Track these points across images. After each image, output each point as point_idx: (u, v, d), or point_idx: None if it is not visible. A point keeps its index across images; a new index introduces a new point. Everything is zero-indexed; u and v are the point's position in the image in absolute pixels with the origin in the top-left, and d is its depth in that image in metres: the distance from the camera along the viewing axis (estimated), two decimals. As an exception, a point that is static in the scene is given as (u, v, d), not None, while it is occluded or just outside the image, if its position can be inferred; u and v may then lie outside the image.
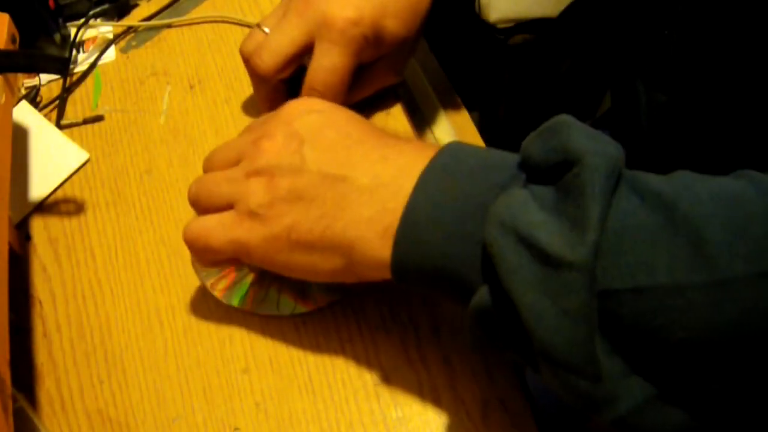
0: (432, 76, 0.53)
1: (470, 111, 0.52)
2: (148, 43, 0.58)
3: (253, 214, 0.35)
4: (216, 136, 0.51)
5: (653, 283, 0.24)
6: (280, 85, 0.47)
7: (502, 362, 0.38)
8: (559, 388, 0.26)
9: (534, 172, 0.28)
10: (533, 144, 0.28)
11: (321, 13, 0.42)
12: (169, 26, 0.59)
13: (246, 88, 0.54)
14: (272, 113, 0.38)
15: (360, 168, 0.34)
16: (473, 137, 0.50)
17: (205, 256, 0.38)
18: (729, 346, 0.24)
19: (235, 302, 0.43)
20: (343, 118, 0.37)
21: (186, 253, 0.45)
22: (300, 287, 0.42)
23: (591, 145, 0.26)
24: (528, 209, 0.26)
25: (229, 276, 0.44)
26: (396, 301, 0.41)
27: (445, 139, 0.48)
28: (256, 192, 0.35)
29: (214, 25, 0.59)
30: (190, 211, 0.47)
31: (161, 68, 0.56)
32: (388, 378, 0.39)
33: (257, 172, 0.36)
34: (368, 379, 0.39)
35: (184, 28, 0.59)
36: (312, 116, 0.36)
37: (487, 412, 0.37)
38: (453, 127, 0.49)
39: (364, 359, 0.40)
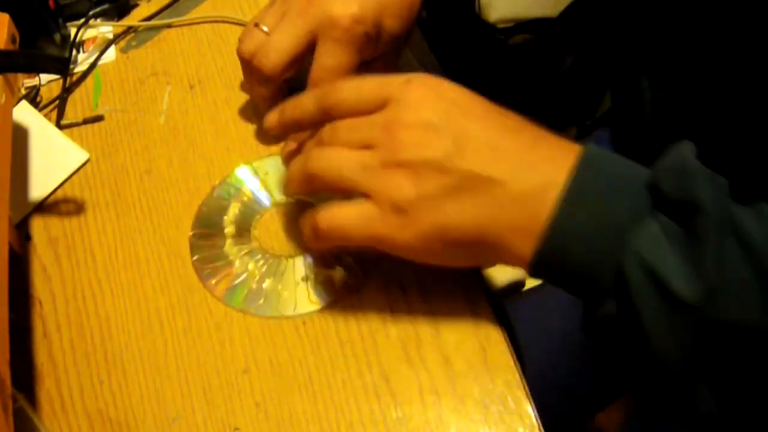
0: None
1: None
2: (148, 43, 0.58)
3: (398, 209, 0.35)
4: (216, 136, 0.51)
5: (743, 320, 0.30)
6: (284, 84, 0.47)
7: (503, 362, 0.38)
8: (651, 391, 0.34)
9: (662, 201, 0.32)
10: (665, 176, 0.32)
11: (324, 11, 0.42)
12: (169, 26, 0.59)
13: (245, 88, 0.54)
14: (395, 89, 0.36)
15: (508, 171, 0.34)
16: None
17: (332, 243, 0.37)
18: None
19: (234, 302, 0.43)
20: (479, 107, 0.36)
21: (186, 254, 0.45)
22: (300, 288, 0.42)
23: (714, 196, 0.31)
24: (661, 245, 0.31)
25: (229, 276, 0.44)
26: (396, 301, 0.41)
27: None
28: (401, 186, 0.35)
29: (214, 25, 0.59)
30: (190, 211, 0.47)
31: (161, 68, 0.56)
32: (388, 378, 0.39)
33: (398, 164, 0.35)
34: (368, 379, 0.39)
35: (184, 28, 0.59)
36: (445, 104, 0.35)
37: (487, 412, 0.37)
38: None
39: (364, 359, 0.40)
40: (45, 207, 0.49)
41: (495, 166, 0.34)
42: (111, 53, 0.58)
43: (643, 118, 0.52)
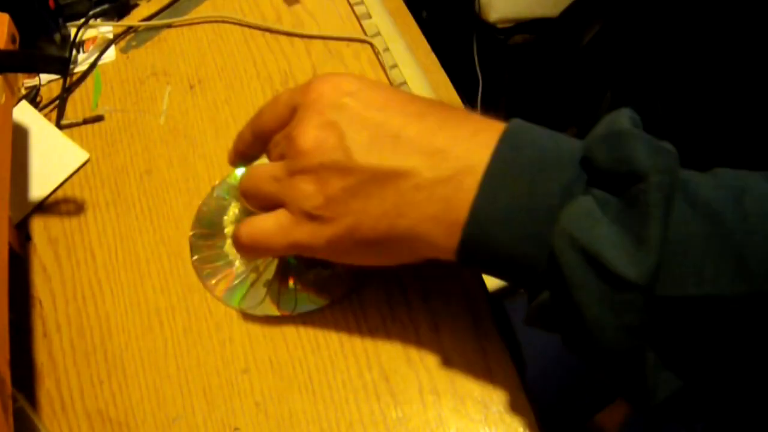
0: (432, 76, 0.53)
1: (471, 111, 0.51)
2: (148, 43, 0.58)
3: (310, 216, 0.34)
4: (216, 136, 0.51)
5: (700, 293, 0.26)
6: None
7: (502, 362, 0.38)
8: (609, 377, 0.30)
9: (596, 174, 0.29)
10: (598, 148, 0.29)
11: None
12: (169, 26, 0.59)
13: (246, 88, 0.54)
14: (298, 95, 0.36)
15: (414, 160, 0.32)
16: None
17: (259, 255, 0.38)
18: (760, 348, 0.26)
19: (235, 302, 0.43)
20: (379, 97, 0.34)
21: (186, 253, 0.45)
22: (300, 288, 0.42)
23: (655, 161, 0.28)
24: (595, 222, 0.28)
25: (229, 276, 0.44)
26: (396, 301, 0.41)
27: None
28: (306, 193, 0.34)
29: (214, 25, 0.59)
30: (190, 211, 0.47)
31: (161, 68, 0.56)
32: (388, 378, 0.39)
33: (302, 171, 0.34)
34: (368, 379, 0.39)
35: (184, 28, 0.59)
36: (345, 100, 0.34)
37: (487, 412, 0.37)
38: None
39: (364, 359, 0.40)
40: (45, 207, 0.49)
41: (398, 157, 0.32)
42: (111, 53, 0.58)
43: (652, 115, 0.52)
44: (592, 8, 0.87)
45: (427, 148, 0.32)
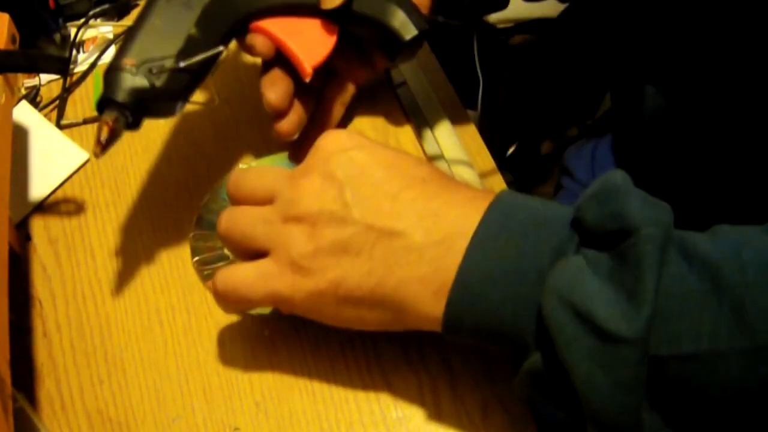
0: (432, 76, 0.53)
1: (470, 111, 0.51)
2: (148, 43, 0.58)
3: (295, 266, 0.33)
4: (216, 136, 0.51)
5: (697, 350, 0.25)
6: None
7: (502, 363, 0.38)
8: None
9: (588, 236, 0.29)
10: (588, 207, 0.29)
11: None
12: (169, 26, 0.59)
13: (246, 88, 0.54)
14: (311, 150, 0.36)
15: (408, 221, 0.32)
16: (473, 137, 0.50)
17: (238, 306, 0.37)
18: (759, 402, 0.25)
19: (235, 302, 0.43)
20: (383, 156, 0.34)
21: (186, 254, 0.45)
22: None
23: (646, 214, 0.27)
24: (584, 279, 0.27)
25: (229, 276, 0.44)
26: (396, 301, 0.41)
27: (446, 140, 0.48)
28: (297, 241, 0.33)
29: (214, 25, 0.59)
30: (190, 211, 0.47)
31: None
32: (388, 378, 0.39)
33: (297, 219, 0.34)
34: (368, 379, 0.39)
35: (184, 28, 0.59)
36: (350, 154, 0.34)
37: (487, 413, 0.37)
38: (453, 127, 0.49)
39: (364, 360, 0.40)
40: (45, 207, 0.49)
41: (393, 217, 0.32)
42: (111, 53, 0.58)
43: (641, 121, 0.52)
44: (592, 8, 0.87)
45: (422, 211, 0.32)
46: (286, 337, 0.41)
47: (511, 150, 0.98)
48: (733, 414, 0.26)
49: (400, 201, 0.33)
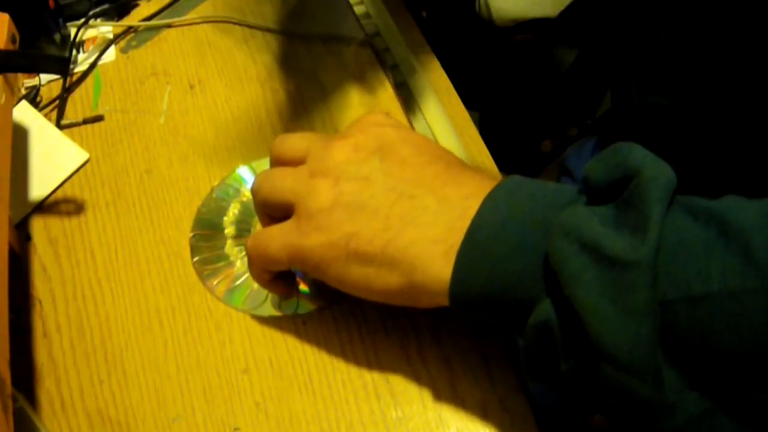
0: (432, 75, 0.53)
1: (470, 111, 0.51)
2: (148, 43, 0.58)
3: (312, 217, 0.35)
4: (216, 136, 0.51)
5: (707, 292, 0.25)
6: None
7: (503, 362, 0.38)
8: (620, 397, 0.27)
9: (594, 194, 0.29)
10: (593, 165, 0.30)
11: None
12: (169, 26, 0.59)
13: (246, 88, 0.54)
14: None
15: (428, 188, 0.33)
16: (473, 137, 0.50)
17: (262, 266, 0.38)
18: None
19: (235, 303, 0.43)
20: (417, 137, 0.36)
21: (186, 253, 0.45)
22: (300, 287, 0.42)
23: (649, 161, 0.27)
24: (590, 220, 0.27)
25: (230, 277, 0.44)
26: (396, 301, 0.41)
27: (445, 140, 0.48)
28: (318, 193, 0.35)
29: (214, 25, 0.59)
30: (190, 211, 0.47)
31: (161, 68, 0.56)
32: (388, 378, 0.39)
33: (323, 173, 0.35)
34: (368, 379, 0.39)
35: (184, 28, 0.59)
36: (386, 129, 0.36)
37: (487, 412, 0.37)
38: (453, 128, 0.49)
39: (364, 359, 0.40)
40: (45, 207, 0.49)
41: (415, 184, 0.34)
42: (111, 53, 0.58)
43: (636, 123, 0.52)
44: (592, 8, 0.87)
45: (443, 182, 0.34)
46: (286, 337, 0.41)
47: (511, 150, 0.98)
48: (755, 370, 0.25)
49: (424, 173, 0.34)
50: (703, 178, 0.29)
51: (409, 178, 0.34)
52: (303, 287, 0.42)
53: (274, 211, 0.38)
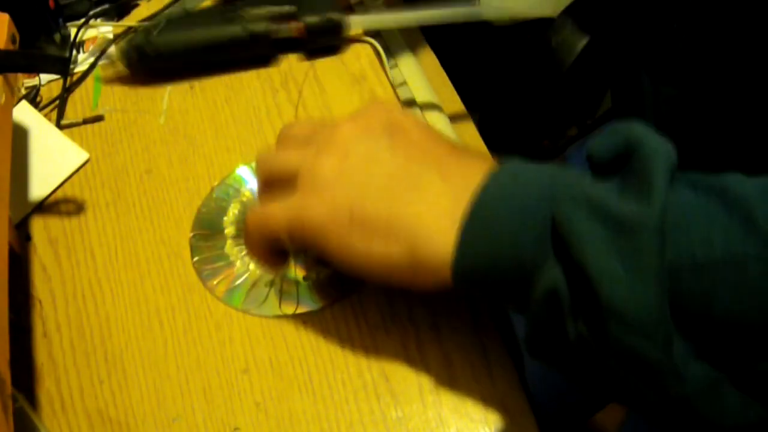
0: (432, 76, 0.53)
1: (470, 111, 0.52)
2: (148, 43, 0.58)
3: (315, 188, 0.34)
4: (216, 136, 0.51)
5: (710, 258, 0.25)
6: None
7: (503, 362, 0.38)
8: (628, 361, 0.26)
9: (599, 169, 0.30)
10: (596, 142, 0.30)
11: None
12: (169, 26, 0.59)
13: (246, 88, 0.54)
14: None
15: (434, 165, 0.34)
16: (473, 137, 0.50)
17: (260, 240, 0.37)
18: None
19: (235, 303, 0.43)
20: (423, 126, 0.37)
21: (186, 253, 0.45)
22: (300, 287, 0.42)
23: (650, 135, 0.28)
24: (598, 188, 0.28)
25: (230, 277, 0.44)
26: (396, 301, 0.41)
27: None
28: (324, 164, 0.35)
29: (214, 25, 0.58)
30: (190, 211, 0.47)
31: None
32: (388, 378, 0.39)
33: (330, 149, 0.35)
34: (368, 378, 0.39)
35: (184, 28, 0.59)
36: (394, 115, 0.36)
37: (487, 412, 0.37)
38: (453, 128, 0.49)
39: (364, 359, 0.40)
40: (45, 207, 0.49)
41: (424, 163, 0.34)
42: (111, 53, 0.58)
43: (644, 116, 0.51)
44: (592, 8, 0.87)
45: (450, 164, 0.34)
46: (286, 337, 0.41)
47: (511, 150, 0.98)
48: (758, 338, 0.25)
49: (431, 153, 0.35)
50: (712, 167, 0.29)
51: (416, 157, 0.34)
52: (302, 280, 0.42)
53: (277, 184, 0.37)
